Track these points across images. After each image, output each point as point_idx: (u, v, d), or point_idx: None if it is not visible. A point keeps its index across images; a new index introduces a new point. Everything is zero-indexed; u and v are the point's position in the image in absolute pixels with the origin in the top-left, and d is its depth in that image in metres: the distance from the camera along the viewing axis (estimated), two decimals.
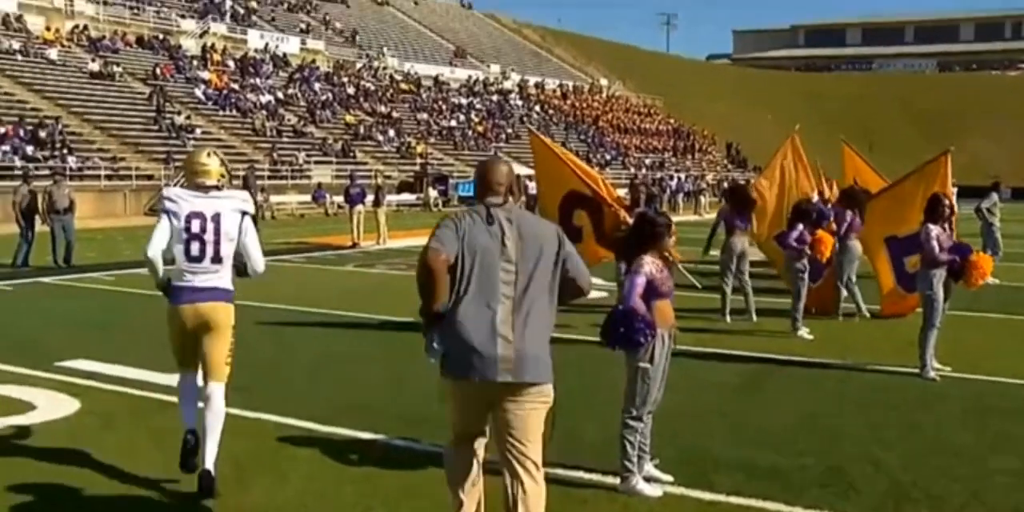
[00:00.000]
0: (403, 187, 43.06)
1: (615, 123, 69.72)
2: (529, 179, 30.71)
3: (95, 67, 41.27)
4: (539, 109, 66.62)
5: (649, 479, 5.44)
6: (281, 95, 47.83)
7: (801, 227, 10.75)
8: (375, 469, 5.73)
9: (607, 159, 59.65)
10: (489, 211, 4.16)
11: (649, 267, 5.33)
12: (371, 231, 22.79)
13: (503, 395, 4.06)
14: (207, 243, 5.28)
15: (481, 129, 56.55)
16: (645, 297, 5.26)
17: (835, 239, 11.56)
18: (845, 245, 11.79)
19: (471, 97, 62.53)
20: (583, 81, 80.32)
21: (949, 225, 8.99)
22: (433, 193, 42.77)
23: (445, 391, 4.22)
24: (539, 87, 71.80)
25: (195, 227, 5.27)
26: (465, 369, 4.02)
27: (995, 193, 19.22)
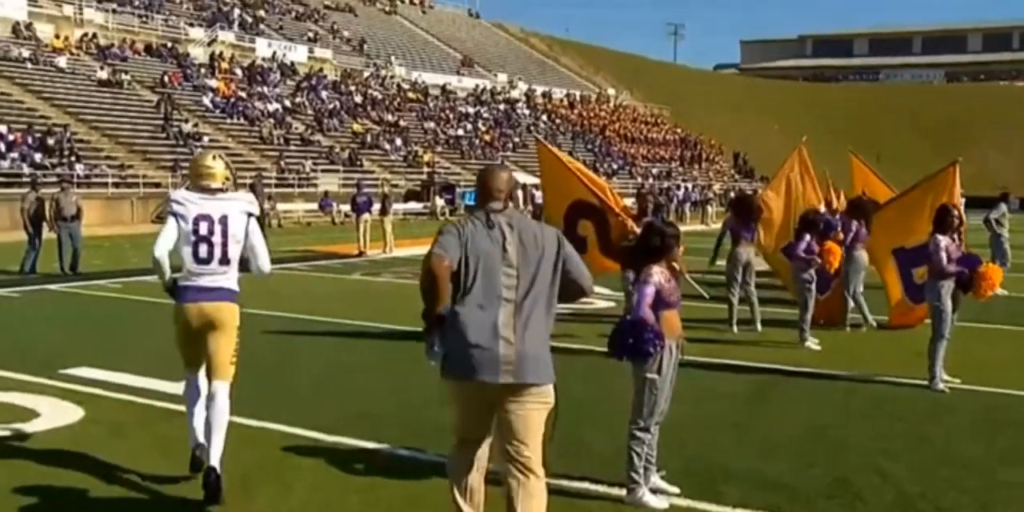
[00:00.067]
0: (410, 196, 43.07)
1: (622, 132, 69.75)
2: (536, 188, 30.74)
3: (103, 75, 41.44)
4: (546, 118, 66.72)
5: (656, 491, 5.40)
6: (288, 103, 47.96)
7: (808, 238, 10.71)
8: (379, 479, 5.70)
9: (614, 168, 59.69)
10: (489, 217, 4.22)
11: (658, 277, 5.31)
12: (377, 240, 22.78)
13: (504, 396, 4.10)
14: (215, 245, 5.33)
15: (488, 138, 56.61)
16: (653, 307, 5.23)
17: (842, 249, 11.52)
18: (851, 256, 11.75)
19: (478, 106, 62.62)
20: (590, 90, 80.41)
21: (958, 236, 8.96)
22: (440, 202, 42.77)
23: (447, 394, 4.26)
24: (546, 96, 71.91)
25: (203, 229, 5.32)
26: (467, 370, 4.07)
27: (1004, 204, 19.17)
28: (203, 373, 5.54)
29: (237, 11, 57.82)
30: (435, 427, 6.12)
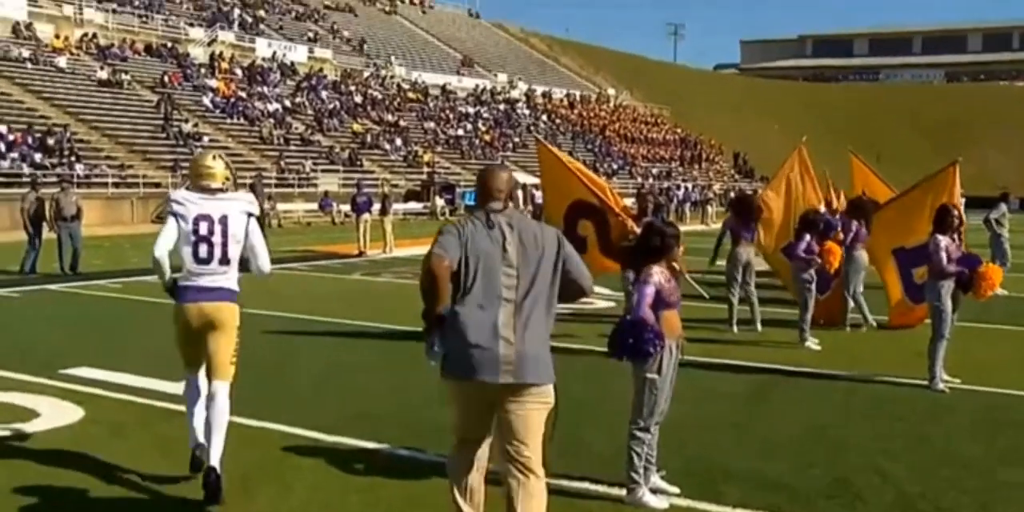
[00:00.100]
0: (410, 196, 43.07)
1: (622, 132, 69.75)
2: (536, 188, 30.74)
3: (103, 75, 41.44)
4: (546, 118, 66.72)
5: (656, 491, 5.40)
6: (288, 103, 47.96)
7: (808, 237, 10.71)
8: (380, 479, 5.70)
9: (614, 168, 59.69)
10: (489, 216, 4.23)
11: (658, 277, 5.31)
12: (378, 240, 22.78)
13: (504, 396, 4.11)
14: (215, 245, 5.35)
15: (488, 138, 56.61)
16: (653, 307, 5.23)
17: (842, 249, 11.53)
18: (851, 256, 11.75)
19: (478, 106, 62.62)
20: (590, 90, 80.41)
21: (958, 236, 8.95)
22: (440, 202, 42.77)
23: (447, 394, 4.27)
24: (546, 96, 71.91)
25: (203, 229, 5.33)
26: (467, 370, 4.08)
27: (1004, 204, 19.17)
28: (203, 373, 5.55)
29: (237, 11, 57.83)
30: (435, 427, 6.11)
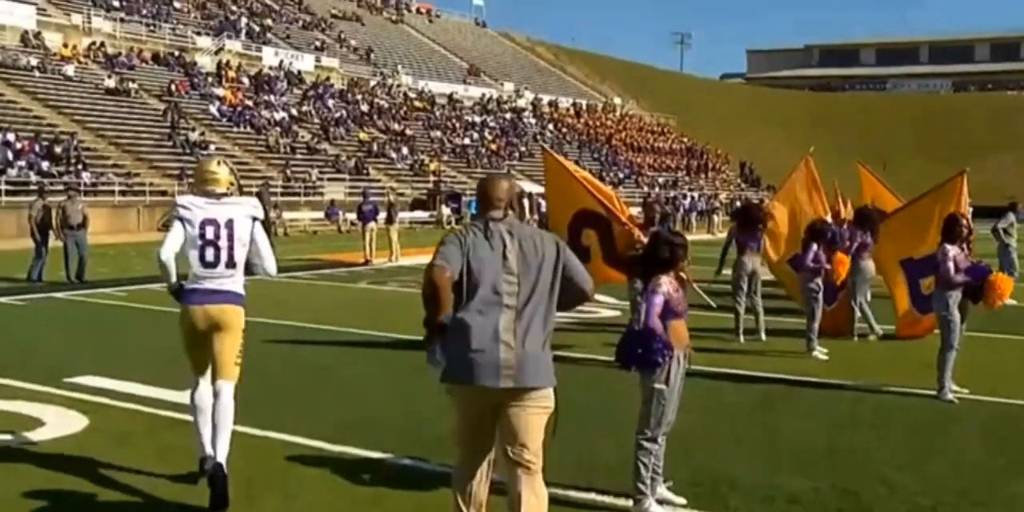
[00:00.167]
0: (416, 204, 43.14)
1: (628, 142, 69.79)
2: (542, 198, 30.69)
3: (111, 83, 41.57)
4: (552, 127, 66.77)
5: (662, 501, 5.36)
6: (295, 112, 48.07)
7: (815, 247, 10.66)
8: (384, 489, 5.67)
9: (620, 177, 59.68)
10: (489, 225, 4.28)
11: (666, 287, 5.28)
12: (383, 248, 22.78)
13: (505, 401, 4.14)
14: (221, 249, 5.42)
15: (494, 147, 56.66)
16: (661, 317, 5.21)
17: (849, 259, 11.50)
18: (857, 265, 11.71)
19: (484, 115, 62.70)
20: (597, 99, 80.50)
21: (967, 245, 8.91)
22: (446, 211, 42.83)
23: (449, 401, 4.29)
24: (552, 105, 71.99)
25: (209, 233, 5.41)
26: (468, 375, 4.11)
27: (1012, 213, 19.16)
28: (209, 379, 5.56)
29: (244, 20, 58.03)
30: (440, 437, 6.07)
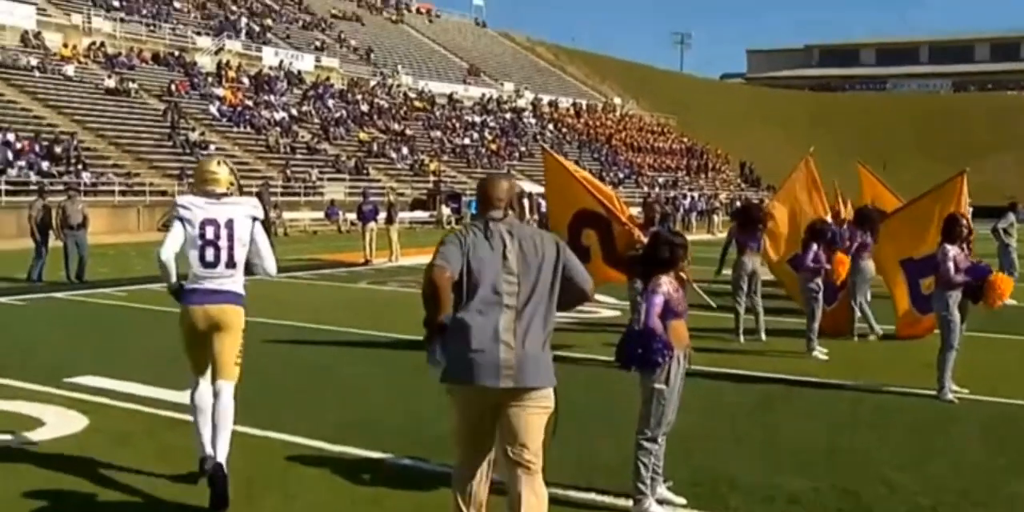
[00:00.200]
0: (416, 204, 43.14)
1: (628, 142, 69.79)
2: (542, 198, 30.69)
3: (111, 83, 41.57)
4: (552, 127, 66.77)
5: (662, 501, 5.36)
6: (295, 112, 48.07)
7: (815, 247, 10.66)
8: (384, 489, 5.66)
9: (620, 177, 59.67)
10: (489, 225, 4.29)
11: (667, 287, 5.28)
12: (383, 248, 22.78)
13: (505, 400, 4.14)
14: (221, 249, 5.42)
15: (494, 147, 56.65)
16: (661, 317, 5.21)
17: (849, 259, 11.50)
18: (857, 265, 11.72)
19: (484, 115, 62.70)
20: (597, 99, 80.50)
21: (967, 245, 8.90)
22: (446, 211, 42.83)
23: (449, 402, 4.29)
24: (553, 105, 71.99)
25: (209, 233, 5.41)
26: (468, 375, 4.11)
27: (1012, 213, 19.16)
28: (209, 379, 5.56)
29: (244, 20, 58.02)
30: (440, 437, 6.07)
